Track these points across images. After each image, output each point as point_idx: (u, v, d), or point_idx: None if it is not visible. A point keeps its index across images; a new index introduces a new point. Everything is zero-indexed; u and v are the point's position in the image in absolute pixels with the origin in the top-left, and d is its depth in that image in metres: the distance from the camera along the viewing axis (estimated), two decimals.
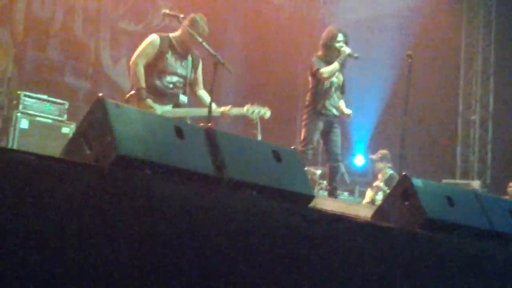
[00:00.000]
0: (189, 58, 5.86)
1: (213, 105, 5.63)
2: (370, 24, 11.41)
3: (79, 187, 2.51)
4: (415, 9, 11.07)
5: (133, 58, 5.70)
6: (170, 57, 5.71)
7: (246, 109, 5.80)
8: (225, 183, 3.15)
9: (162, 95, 5.65)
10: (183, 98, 5.77)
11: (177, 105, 5.72)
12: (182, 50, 5.79)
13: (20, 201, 2.35)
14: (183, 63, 5.79)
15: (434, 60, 10.59)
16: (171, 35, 5.83)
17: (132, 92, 5.63)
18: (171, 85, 5.69)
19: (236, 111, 5.79)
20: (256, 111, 5.81)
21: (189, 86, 5.92)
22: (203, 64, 5.94)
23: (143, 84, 5.56)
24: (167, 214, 2.73)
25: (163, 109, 5.61)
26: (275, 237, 2.90)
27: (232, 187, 3.16)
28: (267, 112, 5.87)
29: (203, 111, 5.60)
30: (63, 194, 2.46)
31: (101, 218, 2.53)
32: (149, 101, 5.51)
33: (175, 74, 5.72)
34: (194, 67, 5.89)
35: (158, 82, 5.66)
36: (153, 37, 5.75)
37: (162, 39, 5.74)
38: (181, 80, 5.76)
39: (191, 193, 2.88)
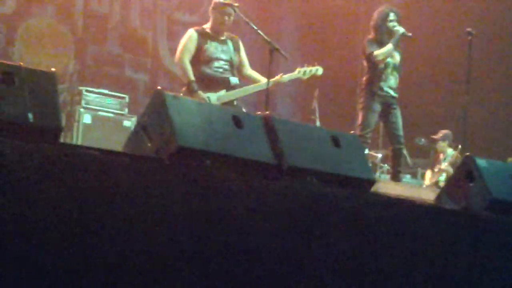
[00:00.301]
0: (228, 42, 5.94)
1: (264, 79, 5.72)
2: (426, 1, 11.16)
3: (141, 179, 2.56)
4: None
5: (177, 55, 5.87)
6: (209, 46, 5.83)
7: (298, 71, 5.90)
8: (285, 171, 3.15)
9: (213, 82, 5.76)
10: (234, 80, 5.87)
11: (229, 88, 5.81)
12: (218, 36, 5.88)
13: (86, 195, 2.41)
14: (223, 48, 5.89)
15: (493, 36, 10.29)
16: (204, 26, 5.94)
17: (184, 88, 5.75)
18: (220, 69, 5.81)
19: (288, 76, 5.87)
20: (308, 70, 5.90)
21: (236, 70, 5.98)
22: (244, 46, 5.99)
23: (193, 77, 5.70)
24: (228, 203, 2.76)
25: (218, 95, 5.70)
26: (338, 223, 2.89)
27: (292, 175, 3.16)
28: (319, 69, 5.96)
29: (257, 86, 5.75)
30: (127, 187, 2.51)
31: (163, 209, 2.57)
32: (201, 92, 5.63)
33: (219, 59, 5.81)
34: (236, 50, 5.97)
35: (207, 70, 5.79)
36: (190, 32, 5.92)
37: (198, 32, 5.89)
38: (227, 63, 5.86)
39: (251, 182, 2.90)
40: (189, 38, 5.86)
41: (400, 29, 6.47)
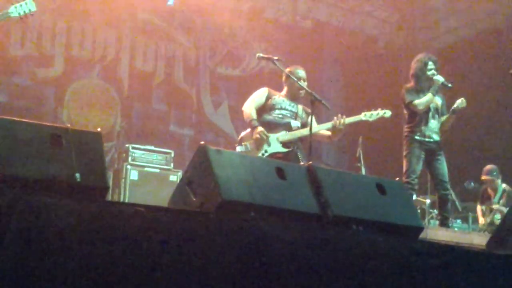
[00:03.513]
0: (299, 106, 5.99)
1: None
2: (468, 45, 11.12)
3: (187, 234, 2.57)
4: None
5: (245, 103, 5.98)
6: (277, 98, 5.92)
7: (364, 114, 5.85)
8: (330, 221, 3.13)
9: (274, 126, 5.82)
10: (295, 123, 5.88)
11: (290, 130, 5.84)
12: (289, 99, 5.95)
13: (133, 251, 2.44)
14: (291, 104, 5.95)
15: None
16: (279, 93, 6.04)
17: (247, 130, 5.86)
18: (280, 116, 5.87)
19: (352, 119, 5.83)
20: (375, 114, 5.85)
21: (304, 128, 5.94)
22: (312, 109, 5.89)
23: (255, 116, 5.79)
24: (274, 255, 2.75)
25: (277, 136, 5.76)
26: (385, 273, 2.85)
27: (338, 224, 3.13)
28: (387, 112, 5.91)
29: (317, 128, 5.70)
30: (172, 242, 2.53)
31: (210, 263, 2.57)
32: (261, 127, 5.69)
33: (284, 109, 5.89)
34: (306, 113, 5.95)
35: (268, 117, 5.89)
36: (264, 89, 6.09)
37: (270, 90, 6.01)
38: (291, 113, 5.90)
39: (296, 233, 2.88)
40: (259, 92, 6.04)
41: (440, 79, 6.43)
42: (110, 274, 2.35)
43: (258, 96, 5.96)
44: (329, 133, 5.85)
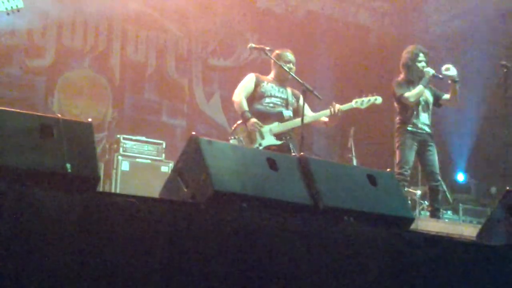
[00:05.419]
0: (288, 89, 6.00)
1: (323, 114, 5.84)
2: (460, 37, 11.12)
3: (178, 225, 2.58)
4: (509, 16, 10.69)
5: (234, 93, 5.97)
6: (266, 85, 5.92)
7: (355, 101, 5.90)
8: (321, 211, 3.14)
9: (266, 117, 5.82)
10: (287, 113, 5.91)
11: (282, 121, 5.86)
12: (277, 83, 5.96)
13: (125, 242, 2.44)
14: (280, 90, 5.96)
15: None
16: (268, 76, 6.05)
17: (239, 121, 5.86)
18: (271, 104, 5.89)
19: (343, 107, 5.87)
20: (366, 100, 5.91)
21: (295, 113, 5.97)
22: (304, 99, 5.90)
23: (246, 108, 5.79)
24: (266, 246, 2.76)
25: (270, 127, 5.78)
26: (376, 263, 2.86)
27: (329, 215, 3.14)
28: (378, 99, 5.98)
29: (312, 117, 5.72)
30: (164, 233, 2.53)
31: (201, 253, 2.58)
32: (254, 119, 5.70)
33: (274, 96, 5.91)
34: (295, 97, 6.00)
35: (259, 106, 5.89)
36: (251, 75, 6.05)
37: (258, 76, 6.01)
38: (281, 100, 5.92)
39: (288, 224, 2.89)
40: (247, 79, 6.03)
41: (430, 71, 6.42)
42: (101, 264, 2.35)
43: (247, 83, 5.95)
44: (325, 119, 5.91)
